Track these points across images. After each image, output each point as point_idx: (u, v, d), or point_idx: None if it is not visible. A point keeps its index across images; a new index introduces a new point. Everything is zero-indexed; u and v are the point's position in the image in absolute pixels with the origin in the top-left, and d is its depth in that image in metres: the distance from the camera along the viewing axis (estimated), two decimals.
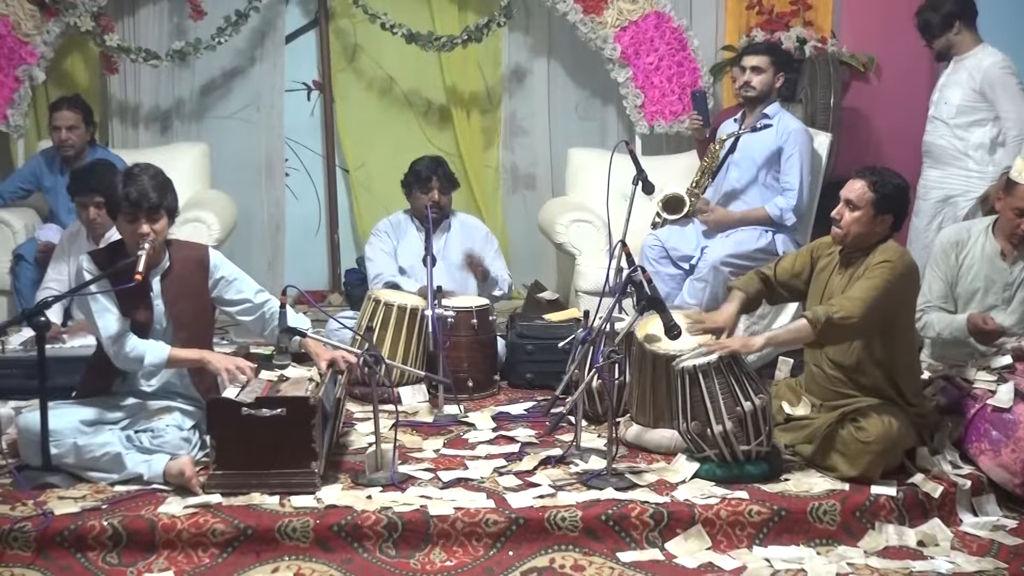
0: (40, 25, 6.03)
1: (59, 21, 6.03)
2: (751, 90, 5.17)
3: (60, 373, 3.86)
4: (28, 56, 6.04)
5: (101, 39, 6.13)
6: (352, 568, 3.22)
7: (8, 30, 5.99)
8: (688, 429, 3.70)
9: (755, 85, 5.15)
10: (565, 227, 5.72)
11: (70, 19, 6.01)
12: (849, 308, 3.58)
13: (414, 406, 4.54)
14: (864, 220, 3.74)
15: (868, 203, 3.73)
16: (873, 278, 3.65)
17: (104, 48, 6.20)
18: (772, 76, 5.17)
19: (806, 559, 3.31)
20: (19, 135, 6.20)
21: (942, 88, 5.16)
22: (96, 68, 6.43)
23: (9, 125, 6.09)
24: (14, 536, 3.25)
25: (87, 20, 6.04)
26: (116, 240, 3.87)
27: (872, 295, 3.61)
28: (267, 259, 6.54)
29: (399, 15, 6.29)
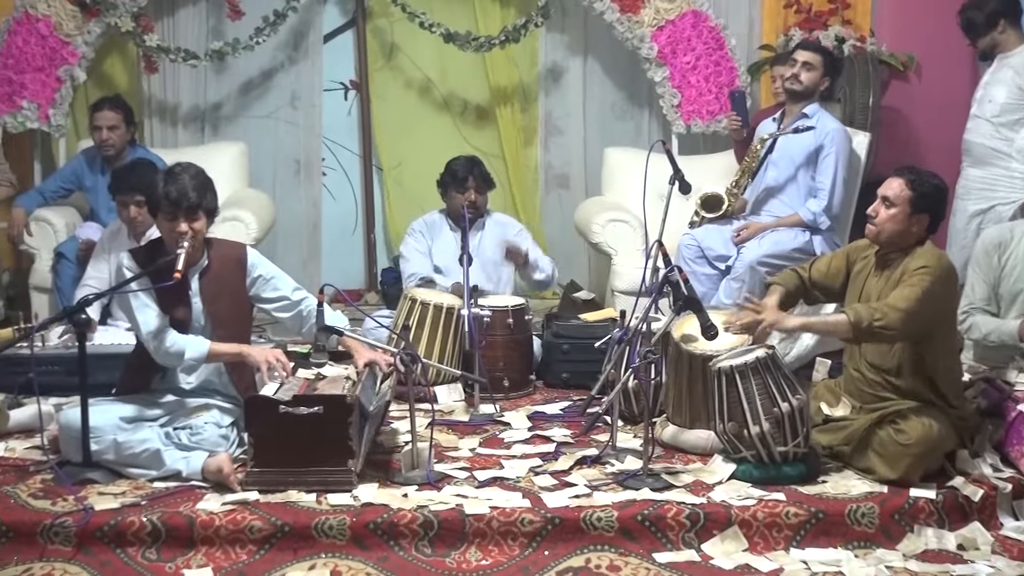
0: (81, 26, 6.10)
1: (100, 21, 6.09)
2: (797, 83, 5.12)
3: (100, 370, 3.90)
4: (69, 56, 6.11)
5: (141, 39, 6.19)
6: (388, 566, 3.23)
7: (50, 31, 6.06)
8: (725, 430, 3.68)
9: (803, 80, 5.11)
10: (601, 227, 5.71)
11: (111, 19, 6.07)
12: (891, 318, 3.54)
13: (450, 405, 4.55)
14: (900, 218, 3.71)
15: (905, 201, 3.69)
16: (913, 285, 3.60)
17: (144, 48, 6.25)
18: (820, 76, 5.13)
19: (844, 562, 3.29)
20: (60, 135, 6.26)
21: (986, 86, 5.10)
22: (136, 68, 6.48)
23: (51, 125, 6.16)
24: (55, 531, 3.29)
25: (127, 20, 6.10)
26: (156, 238, 3.90)
27: (913, 305, 3.56)
28: (304, 258, 6.57)
29: (436, 14, 6.30)
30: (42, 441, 3.84)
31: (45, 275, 5.58)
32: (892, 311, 3.55)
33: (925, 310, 3.59)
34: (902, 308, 3.55)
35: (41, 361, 4.18)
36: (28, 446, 3.99)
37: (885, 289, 3.73)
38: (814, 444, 3.75)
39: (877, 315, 3.56)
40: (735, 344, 3.89)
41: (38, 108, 6.10)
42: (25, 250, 5.78)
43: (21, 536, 3.30)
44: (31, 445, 3.98)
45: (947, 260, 3.75)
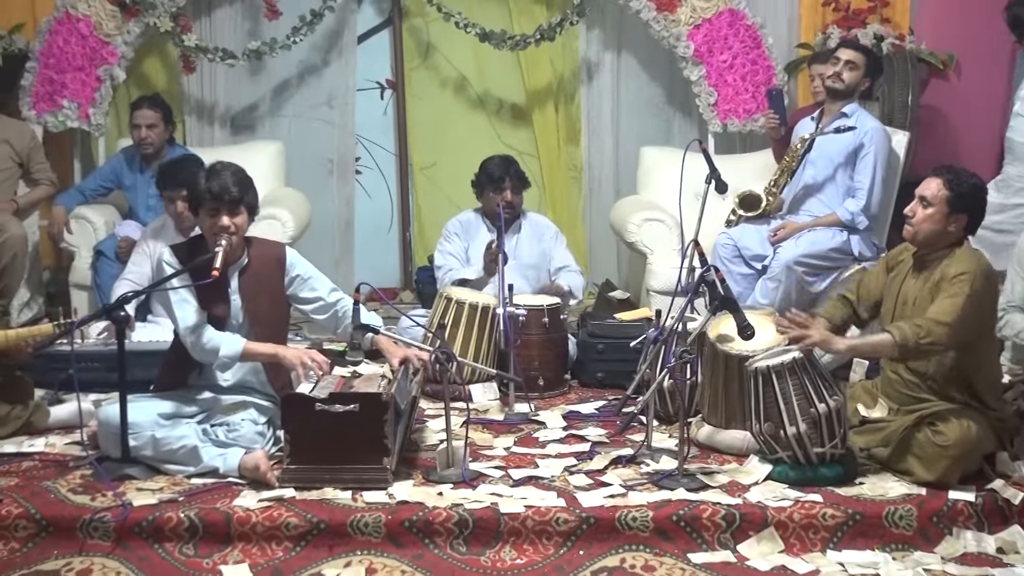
0: (121, 26, 6.15)
1: (139, 22, 6.14)
2: (839, 82, 5.09)
3: (138, 367, 3.94)
4: (109, 56, 6.16)
5: (180, 39, 6.23)
6: (423, 564, 3.24)
7: (90, 30, 6.12)
8: (761, 430, 3.66)
9: (845, 79, 5.08)
10: (637, 226, 5.69)
11: (150, 19, 6.12)
12: (937, 333, 3.50)
13: (485, 404, 4.56)
14: (937, 218, 3.66)
15: (943, 201, 3.65)
16: (954, 295, 3.55)
17: (182, 48, 6.30)
18: (862, 76, 5.10)
19: (881, 564, 3.26)
20: (100, 134, 6.32)
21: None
22: (174, 68, 6.53)
23: (91, 124, 6.21)
24: (94, 526, 3.32)
25: (166, 20, 6.14)
26: (197, 235, 3.93)
27: (957, 316, 3.51)
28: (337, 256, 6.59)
29: (472, 14, 6.31)
30: (82, 437, 3.88)
31: (85, 272, 5.64)
32: (937, 326, 3.51)
33: (969, 318, 3.55)
34: (947, 322, 3.51)
35: (81, 358, 4.22)
36: (68, 442, 4.03)
37: (923, 292, 3.69)
38: (851, 445, 3.72)
39: (922, 333, 3.50)
40: (772, 344, 3.86)
41: (78, 107, 6.16)
42: (65, 248, 5.83)
43: (61, 531, 3.33)
44: (71, 441, 4.02)
45: (986, 262, 3.70)
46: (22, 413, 4.12)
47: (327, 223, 6.61)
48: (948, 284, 3.60)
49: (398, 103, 6.68)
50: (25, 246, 5.57)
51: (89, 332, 4.70)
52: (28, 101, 6.14)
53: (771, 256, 5.03)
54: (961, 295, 3.54)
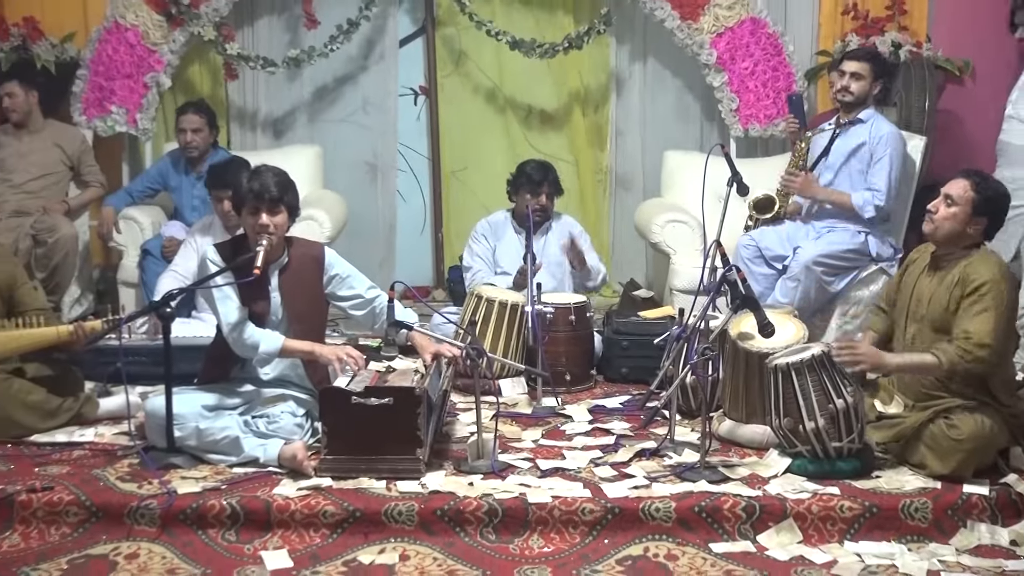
0: (167, 35, 6.19)
1: (184, 31, 6.18)
2: (848, 95, 5.06)
3: (183, 360, 3.94)
4: (156, 64, 6.20)
5: (223, 48, 6.27)
6: (454, 551, 3.24)
7: (138, 39, 6.16)
8: (780, 425, 3.65)
9: (853, 91, 5.05)
10: (660, 227, 5.68)
11: (194, 29, 6.16)
12: (979, 355, 3.48)
13: (514, 398, 4.56)
14: (960, 218, 3.63)
15: (968, 202, 3.62)
16: (987, 310, 3.52)
17: (225, 56, 6.34)
18: (870, 84, 5.06)
19: (897, 555, 3.24)
20: (147, 138, 6.36)
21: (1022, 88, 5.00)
22: (217, 75, 6.57)
23: (138, 128, 6.26)
24: (141, 512, 3.34)
25: (210, 30, 6.19)
26: (240, 235, 3.96)
27: (996, 334, 3.50)
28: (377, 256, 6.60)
29: (502, 22, 6.32)
30: (129, 427, 3.91)
31: (132, 270, 5.68)
32: (979, 348, 3.49)
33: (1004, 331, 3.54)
34: (989, 343, 3.49)
35: (128, 352, 4.23)
36: (116, 432, 4.05)
37: (939, 290, 3.66)
38: (868, 440, 3.70)
39: (969, 358, 3.49)
40: (791, 341, 3.85)
41: (126, 113, 6.21)
42: (114, 247, 5.89)
43: (109, 516, 3.36)
44: (119, 431, 4.05)
45: (1005, 266, 3.68)
46: (73, 405, 4.15)
47: (366, 224, 6.62)
48: (975, 296, 3.56)
49: (431, 109, 6.70)
50: (76, 245, 5.64)
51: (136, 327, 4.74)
52: (79, 107, 6.19)
53: (791, 257, 5.00)
54: (993, 310, 3.52)
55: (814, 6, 6.39)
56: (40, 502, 3.38)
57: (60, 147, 5.89)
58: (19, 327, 4.04)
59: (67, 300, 5.73)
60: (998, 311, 3.52)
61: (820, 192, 5.11)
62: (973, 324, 3.53)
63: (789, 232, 5.14)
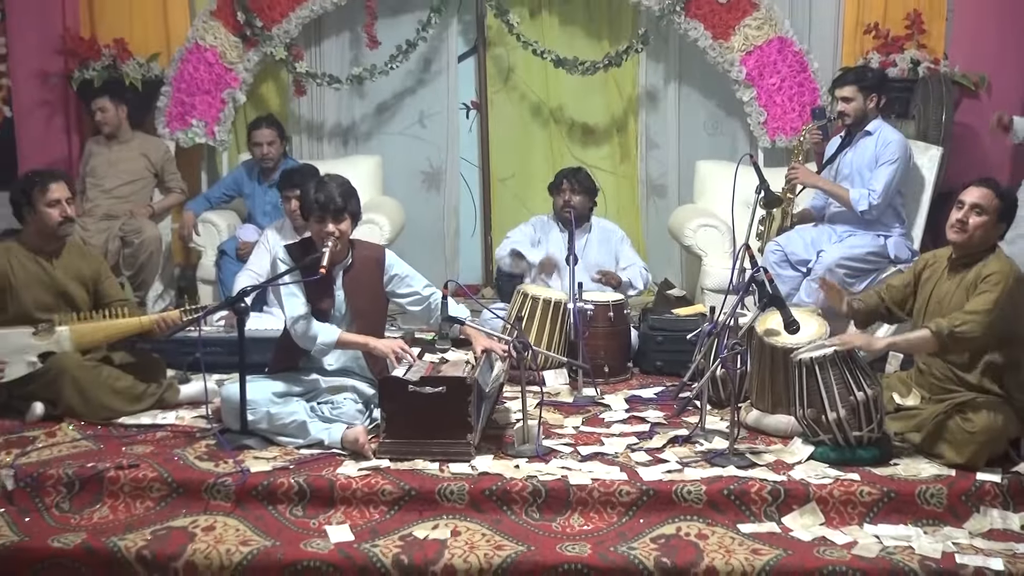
0: (242, 55, 6.24)
1: (258, 51, 6.23)
2: (847, 118, 5.05)
3: (255, 351, 3.98)
4: (232, 81, 6.26)
5: (292, 66, 6.31)
6: (501, 528, 3.25)
7: (216, 59, 6.22)
8: (804, 415, 3.62)
9: (848, 113, 5.03)
10: (693, 231, 5.65)
11: (267, 49, 6.21)
12: (971, 322, 3.46)
13: (556, 388, 4.55)
14: (989, 225, 3.62)
15: (995, 210, 3.61)
16: (989, 291, 3.50)
17: (294, 74, 6.38)
18: (863, 101, 5.01)
19: (913, 537, 3.21)
20: (224, 148, 6.42)
21: None
22: (287, 91, 6.61)
23: (216, 140, 6.31)
24: (217, 489, 3.38)
25: (281, 50, 6.23)
26: (307, 237, 3.98)
27: (990, 308, 3.47)
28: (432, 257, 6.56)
29: (546, 42, 6.31)
30: (207, 412, 3.97)
31: (210, 269, 5.74)
32: (970, 315, 3.47)
33: (1001, 311, 3.48)
34: (979, 310, 3.47)
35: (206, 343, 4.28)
36: (195, 415, 4.10)
37: (958, 291, 3.63)
38: (887, 430, 3.65)
39: (957, 322, 3.47)
40: (814, 338, 3.81)
41: (205, 125, 6.26)
42: (193, 248, 5.95)
43: (189, 492, 3.40)
44: (197, 415, 4.10)
45: (1017, 267, 3.64)
46: (156, 390, 4.20)
47: (420, 227, 6.61)
48: (982, 283, 3.55)
49: (482, 121, 6.69)
50: (159, 246, 5.71)
51: (213, 320, 4.79)
52: (163, 120, 6.24)
53: (815, 260, 4.95)
54: (994, 291, 3.50)
55: (838, 26, 6.31)
56: (127, 478, 3.44)
57: (146, 156, 5.96)
58: (105, 318, 4.11)
59: (151, 296, 5.79)
60: (998, 293, 3.49)
61: (819, 181, 5.08)
62: (971, 302, 3.53)
63: (813, 237, 5.08)
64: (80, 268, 4.24)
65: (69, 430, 3.91)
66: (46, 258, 4.18)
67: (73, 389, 3.98)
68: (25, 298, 4.09)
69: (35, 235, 4.17)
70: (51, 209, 4.10)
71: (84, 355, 4.08)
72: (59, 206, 4.11)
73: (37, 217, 4.12)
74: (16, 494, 3.41)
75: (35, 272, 4.14)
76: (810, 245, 5.02)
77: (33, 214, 4.12)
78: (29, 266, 4.14)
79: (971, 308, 3.50)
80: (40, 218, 4.12)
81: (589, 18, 6.49)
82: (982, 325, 3.46)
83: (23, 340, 4.01)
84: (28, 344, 4.01)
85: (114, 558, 3.12)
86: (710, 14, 6.04)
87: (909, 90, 5.92)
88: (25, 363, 3.99)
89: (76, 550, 3.14)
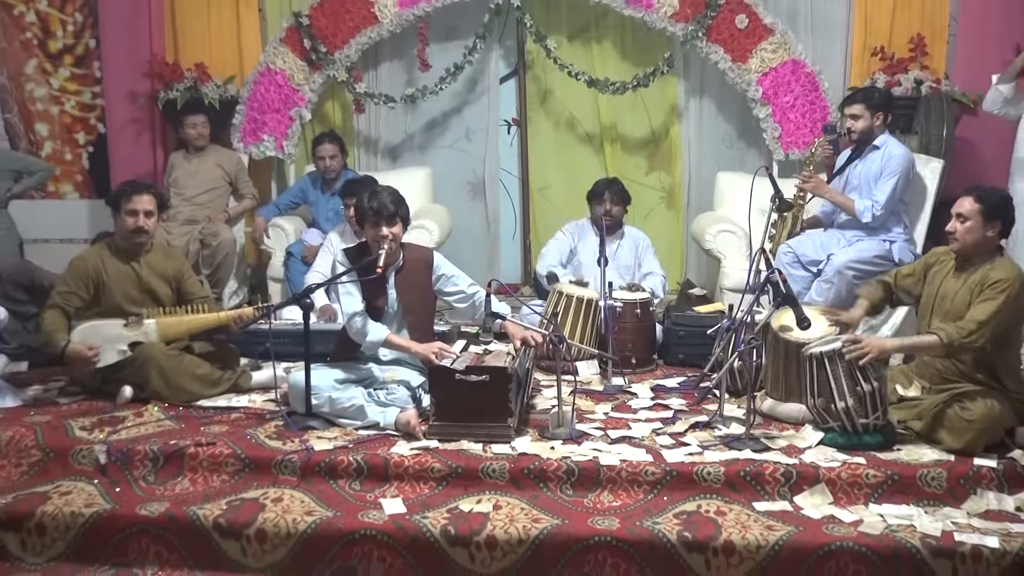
0: (308, 77, 6.28)
1: (322, 74, 6.27)
2: (855, 134, 4.98)
3: (318, 342, 4.02)
4: (299, 100, 6.30)
5: (352, 87, 6.35)
6: (538, 503, 3.25)
7: (285, 81, 6.27)
8: (815, 404, 3.58)
9: (856, 129, 4.96)
10: (713, 236, 5.61)
11: (330, 72, 6.25)
12: (976, 332, 3.40)
13: (588, 377, 4.53)
14: (975, 228, 3.54)
15: (977, 213, 3.54)
16: (993, 299, 3.44)
17: (354, 94, 6.41)
18: (870, 118, 4.94)
19: (915, 516, 3.16)
20: (291, 161, 6.46)
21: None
22: (347, 109, 6.65)
23: (284, 153, 6.37)
24: (284, 464, 3.42)
25: (342, 72, 6.27)
26: (363, 242, 4.01)
27: (994, 318, 3.41)
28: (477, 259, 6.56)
29: (581, 64, 6.29)
30: (276, 396, 4.00)
31: (278, 269, 5.79)
32: (975, 325, 3.41)
33: (1005, 320, 3.44)
34: (983, 320, 3.41)
35: (275, 335, 4.33)
36: (265, 399, 4.14)
37: (963, 290, 3.57)
38: (891, 418, 3.60)
39: (964, 332, 3.41)
40: (824, 334, 3.77)
41: (275, 140, 6.31)
42: (264, 249, 6.00)
43: (259, 467, 3.44)
44: (267, 399, 4.13)
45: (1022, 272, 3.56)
46: (231, 376, 4.25)
47: (466, 232, 6.62)
48: (989, 288, 3.47)
49: (521, 136, 6.68)
50: (234, 248, 5.77)
51: (281, 315, 4.83)
52: (237, 135, 6.30)
53: (825, 262, 4.89)
54: (999, 300, 3.43)
55: (847, 49, 6.23)
56: (205, 454, 3.48)
57: (222, 167, 6.02)
58: (188, 313, 4.16)
59: (226, 292, 5.85)
60: (1002, 302, 3.42)
61: (828, 192, 5.01)
62: (977, 310, 3.45)
63: (823, 240, 5.02)
64: (164, 267, 4.29)
65: (154, 411, 3.96)
66: (134, 258, 4.24)
67: (158, 375, 4.03)
68: (116, 294, 4.15)
69: (120, 238, 4.23)
70: (129, 217, 4.15)
71: (168, 345, 4.13)
72: (135, 216, 4.14)
73: (120, 222, 4.18)
74: (108, 467, 3.47)
75: (124, 271, 4.20)
76: (820, 248, 4.96)
77: (118, 219, 4.18)
78: (119, 265, 4.19)
79: (977, 318, 3.42)
80: (120, 223, 4.18)
81: (621, 43, 6.45)
82: (986, 336, 3.40)
83: (115, 331, 4.07)
84: (119, 334, 4.07)
85: (193, 525, 3.16)
86: (729, 39, 5.99)
87: (913, 107, 5.84)
88: (116, 351, 4.05)
89: (160, 518, 3.18)
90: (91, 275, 4.12)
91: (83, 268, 4.13)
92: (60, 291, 4.09)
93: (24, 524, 3.20)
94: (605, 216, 5.15)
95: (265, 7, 6.52)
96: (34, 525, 3.20)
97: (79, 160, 6.86)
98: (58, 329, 3.99)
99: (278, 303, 4.18)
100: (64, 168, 6.80)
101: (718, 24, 5.98)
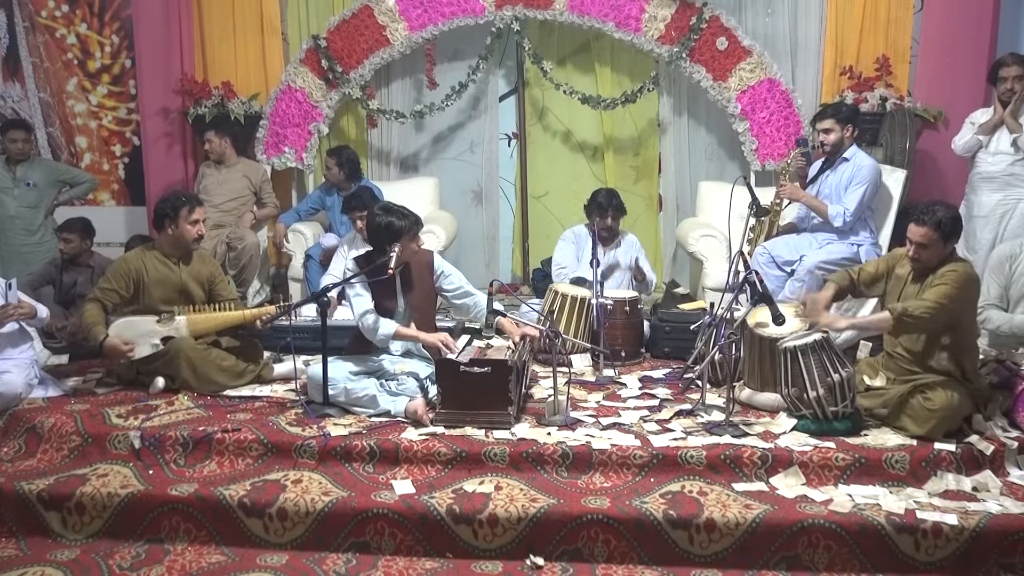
0: (325, 94, 6.27)
1: (338, 91, 6.25)
2: (826, 146, 4.98)
3: (335, 337, 4.01)
4: (317, 116, 6.29)
5: (366, 104, 6.34)
6: (536, 484, 3.24)
7: (304, 98, 6.26)
8: (789, 393, 3.57)
9: (827, 142, 4.96)
10: (696, 240, 5.60)
11: (345, 90, 6.24)
12: (923, 308, 3.40)
13: (582, 369, 4.53)
14: (937, 251, 3.54)
15: (936, 241, 3.51)
16: (943, 284, 3.44)
17: (368, 110, 6.40)
18: (840, 132, 4.94)
19: (880, 496, 3.16)
20: (310, 171, 6.45)
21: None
22: (362, 124, 6.64)
23: (304, 164, 6.35)
24: (303, 449, 3.42)
25: (357, 90, 6.26)
26: (371, 250, 3.96)
27: (941, 299, 3.40)
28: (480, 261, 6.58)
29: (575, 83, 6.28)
30: (296, 386, 3.99)
31: (298, 270, 5.77)
32: (924, 302, 3.41)
33: (951, 304, 3.42)
34: (933, 300, 3.41)
35: (295, 330, 4.33)
36: (286, 389, 4.13)
37: (922, 291, 3.56)
38: (858, 406, 3.59)
39: (911, 307, 3.41)
40: (797, 329, 3.76)
41: (295, 152, 6.30)
42: (285, 252, 5.99)
43: (281, 451, 3.44)
44: (288, 389, 4.13)
45: (972, 269, 3.57)
46: (255, 369, 4.24)
47: (470, 237, 6.62)
48: (940, 278, 3.49)
49: (521, 149, 6.68)
50: (258, 251, 5.76)
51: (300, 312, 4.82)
52: (261, 148, 6.29)
53: (798, 262, 4.88)
54: (948, 286, 3.43)
55: (818, 69, 6.22)
56: (231, 439, 3.48)
57: (247, 177, 6.02)
58: (215, 311, 4.15)
59: (250, 292, 5.84)
60: (949, 288, 3.42)
61: (804, 197, 4.99)
62: (929, 292, 3.46)
63: (796, 243, 5.00)
64: (200, 271, 4.28)
65: (184, 400, 3.95)
66: (175, 262, 4.22)
67: (188, 367, 4.02)
68: (154, 294, 4.14)
69: (170, 244, 4.19)
70: (192, 227, 4.13)
71: (197, 340, 4.12)
72: (198, 225, 4.15)
73: (178, 231, 4.14)
74: (142, 452, 3.47)
75: (165, 273, 4.18)
76: (793, 249, 4.95)
77: (175, 227, 4.15)
78: (160, 268, 4.18)
79: (926, 296, 3.44)
80: (180, 232, 4.14)
81: (612, 63, 6.44)
82: (932, 310, 3.39)
83: (149, 326, 4.06)
84: (153, 330, 4.06)
85: (220, 504, 3.15)
86: (711, 60, 5.98)
87: (878, 122, 5.83)
88: (150, 345, 4.05)
89: (190, 498, 3.18)
90: (132, 276, 4.11)
91: (126, 269, 4.12)
92: (102, 287, 4.08)
93: (65, 504, 3.20)
94: (604, 230, 5.11)
95: (287, 31, 6.51)
96: (74, 505, 3.20)
97: (115, 170, 6.86)
98: (97, 322, 3.98)
99: (298, 302, 4.16)
100: (102, 177, 6.80)
101: (700, 46, 5.97)
